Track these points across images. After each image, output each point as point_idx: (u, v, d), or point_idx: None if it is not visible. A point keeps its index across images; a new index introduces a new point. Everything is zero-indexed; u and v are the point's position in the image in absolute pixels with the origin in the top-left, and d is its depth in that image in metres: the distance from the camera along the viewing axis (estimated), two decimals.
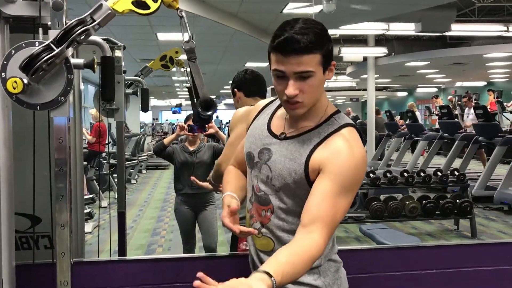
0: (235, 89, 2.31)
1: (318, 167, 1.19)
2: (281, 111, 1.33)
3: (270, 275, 1.00)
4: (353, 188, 1.20)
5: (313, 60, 1.15)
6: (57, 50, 1.15)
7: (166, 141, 3.70)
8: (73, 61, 1.23)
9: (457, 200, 5.02)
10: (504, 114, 10.36)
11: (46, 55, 1.14)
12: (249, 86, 2.28)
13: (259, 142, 1.30)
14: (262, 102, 1.43)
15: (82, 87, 2.26)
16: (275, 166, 1.24)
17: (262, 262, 1.28)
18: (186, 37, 1.15)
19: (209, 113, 1.17)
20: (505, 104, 10.87)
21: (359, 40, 12.05)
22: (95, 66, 1.26)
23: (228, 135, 2.11)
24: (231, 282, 0.96)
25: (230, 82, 2.42)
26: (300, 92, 1.18)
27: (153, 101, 25.44)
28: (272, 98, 1.42)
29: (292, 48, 1.14)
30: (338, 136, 1.22)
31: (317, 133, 1.24)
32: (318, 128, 1.24)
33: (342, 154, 1.18)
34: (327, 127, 1.24)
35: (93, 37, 1.29)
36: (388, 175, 5.18)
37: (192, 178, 2.19)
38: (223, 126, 19.51)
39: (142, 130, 14.99)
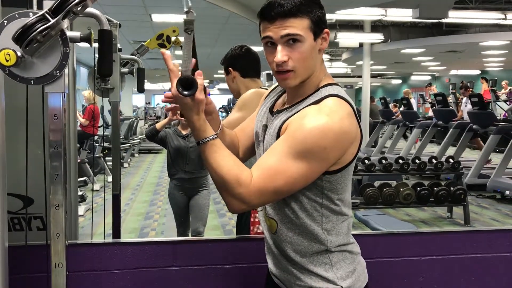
0: (230, 68, 2.12)
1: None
2: None
3: (215, 136, 1.11)
4: (306, 155, 1.07)
5: (299, 24, 1.11)
6: (52, 21, 1.09)
7: (158, 125, 3.65)
8: (69, 34, 1.17)
9: (451, 188, 5.03)
10: (497, 103, 10.36)
11: (40, 26, 1.08)
12: (245, 64, 2.10)
13: (262, 120, 1.29)
14: (274, 86, 1.38)
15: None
16: (265, 143, 1.23)
17: (272, 243, 1.26)
18: (186, 8, 1.06)
19: (187, 92, 1.08)
20: (497, 92, 10.87)
21: (355, 26, 11.95)
22: (92, 40, 1.21)
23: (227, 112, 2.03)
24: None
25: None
26: (290, 59, 1.12)
27: (146, 85, 25.18)
28: None
29: (276, 12, 1.10)
30: (315, 105, 1.14)
31: (300, 105, 1.17)
32: (304, 100, 1.18)
33: (305, 118, 1.10)
34: (310, 99, 1.17)
35: (90, 9, 1.23)
36: (384, 161, 5.17)
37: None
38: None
39: (134, 113, 14.86)
